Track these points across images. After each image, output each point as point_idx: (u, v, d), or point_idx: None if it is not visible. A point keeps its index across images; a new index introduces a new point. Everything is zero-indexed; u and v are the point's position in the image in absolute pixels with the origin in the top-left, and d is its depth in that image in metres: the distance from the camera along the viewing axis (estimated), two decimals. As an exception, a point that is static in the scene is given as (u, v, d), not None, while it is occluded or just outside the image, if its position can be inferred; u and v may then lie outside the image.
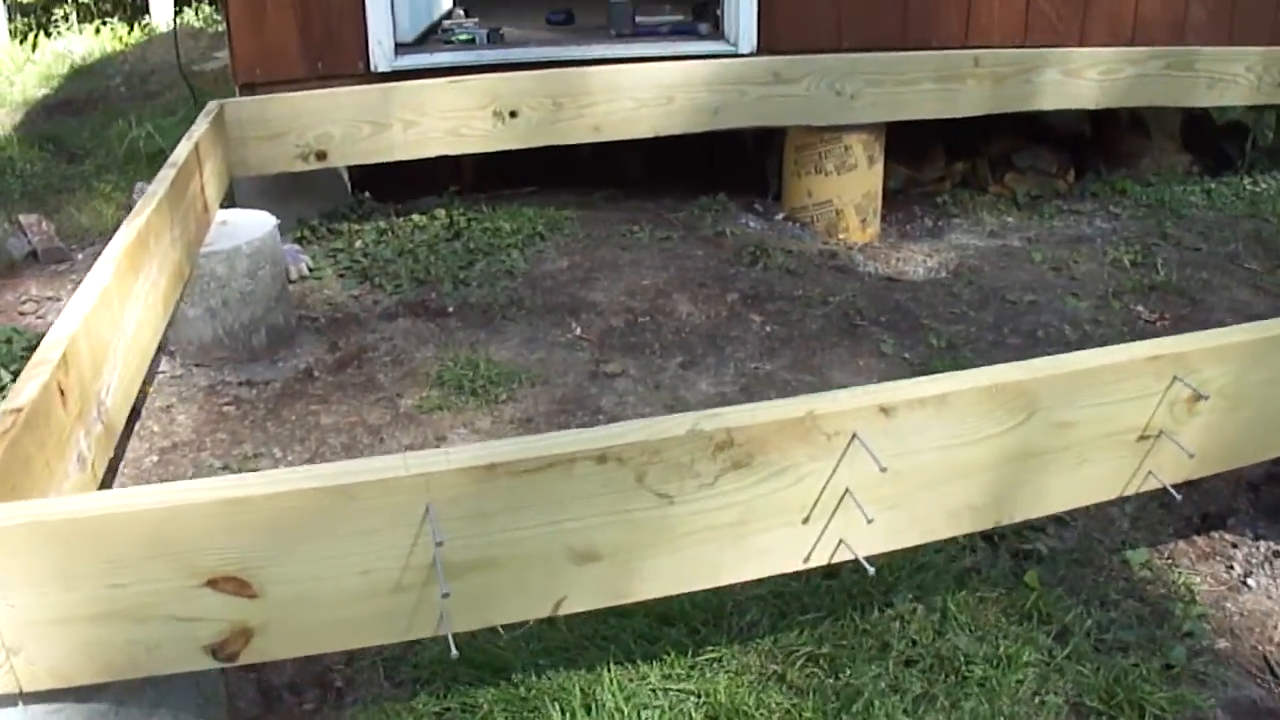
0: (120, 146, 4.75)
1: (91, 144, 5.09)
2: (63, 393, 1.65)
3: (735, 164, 4.28)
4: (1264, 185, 4.47)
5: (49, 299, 3.44)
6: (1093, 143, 4.56)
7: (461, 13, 4.52)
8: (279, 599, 1.37)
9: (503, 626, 1.76)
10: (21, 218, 3.91)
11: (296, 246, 3.60)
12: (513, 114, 3.56)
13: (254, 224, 3.07)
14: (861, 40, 3.87)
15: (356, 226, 3.77)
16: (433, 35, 4.15)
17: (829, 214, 3.97)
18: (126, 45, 7.92)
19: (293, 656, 1.69)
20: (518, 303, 3.32)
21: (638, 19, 4.20)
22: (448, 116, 3.52)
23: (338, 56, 3.61)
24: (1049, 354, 3.02)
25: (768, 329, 3.22)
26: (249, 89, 3.59)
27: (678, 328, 3.21)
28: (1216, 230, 4.00)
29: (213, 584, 1.34)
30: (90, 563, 1.29)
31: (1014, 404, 1.65)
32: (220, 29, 7.94)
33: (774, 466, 1.55)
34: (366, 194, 3.87)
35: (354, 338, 3.16)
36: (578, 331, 3.18)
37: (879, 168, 3.98)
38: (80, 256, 3.74)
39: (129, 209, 3.86)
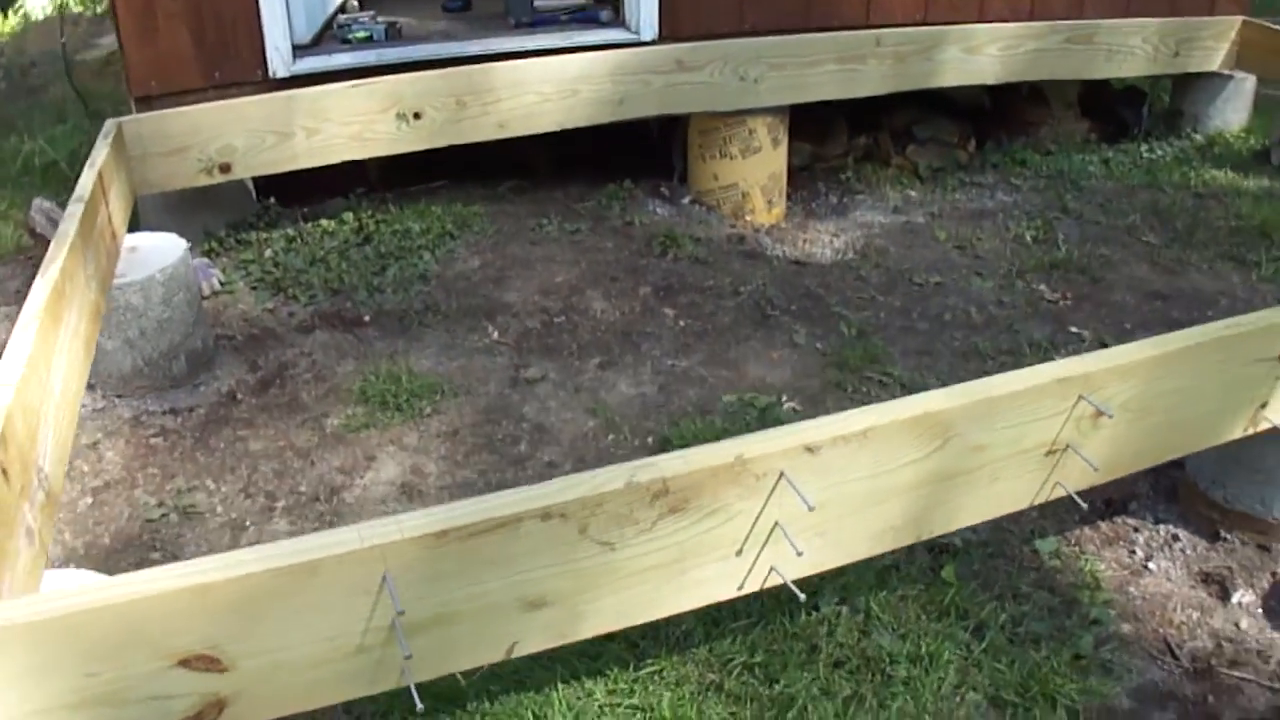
0: (14, 164, 4.64)
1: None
2: (4, 471, 1.72)
3: (640, 149, 4.39)
4: (1160, 151, 4.74)
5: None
6: (993, 113, 4.78)
7: (356, 3, 4.52)
8: (249, 670, 1.48)
9: (460, 673, 1.89)
10: (-93, 240, 3.85)
11: (206, 260, 3.61)
12: (416, 115, 3.61)
13: (164, 249, 3.09)
14: (765, 23, 4.00)
15: (265, 235, 3.80)
16: (329, 32, 4.15)
17: (735, 197, 4.12)
18: (1, 35, 7.64)
19: None
20: (433, 308, 3.41)
21: (536, 4, 4.26)
22: (351, 121, 3.56)
23: (234, 64, 3.61)
24: (955, 337, 3.28)
25: (681, 323, 3.37)
26: (144, 102, 3.56)
27: (593, 326, 3.34)
28: (1115, 201, 4.26)
29: (185, 663, 1.44)
30: (65, 656, 1.38)
31: (932, 432, 1.82)
32: (100, 10, 7.71)
33: (707, 509, 1.70)
34: (272, 200, 3.89)
35: (273, 354, 3.22)
36: (495, 336, 3.28)
37: (783, 148, 4.14)
38: None
39: (29, 229, 3.87)
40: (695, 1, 3.89)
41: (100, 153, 3.09)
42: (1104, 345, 3.23)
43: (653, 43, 3.87)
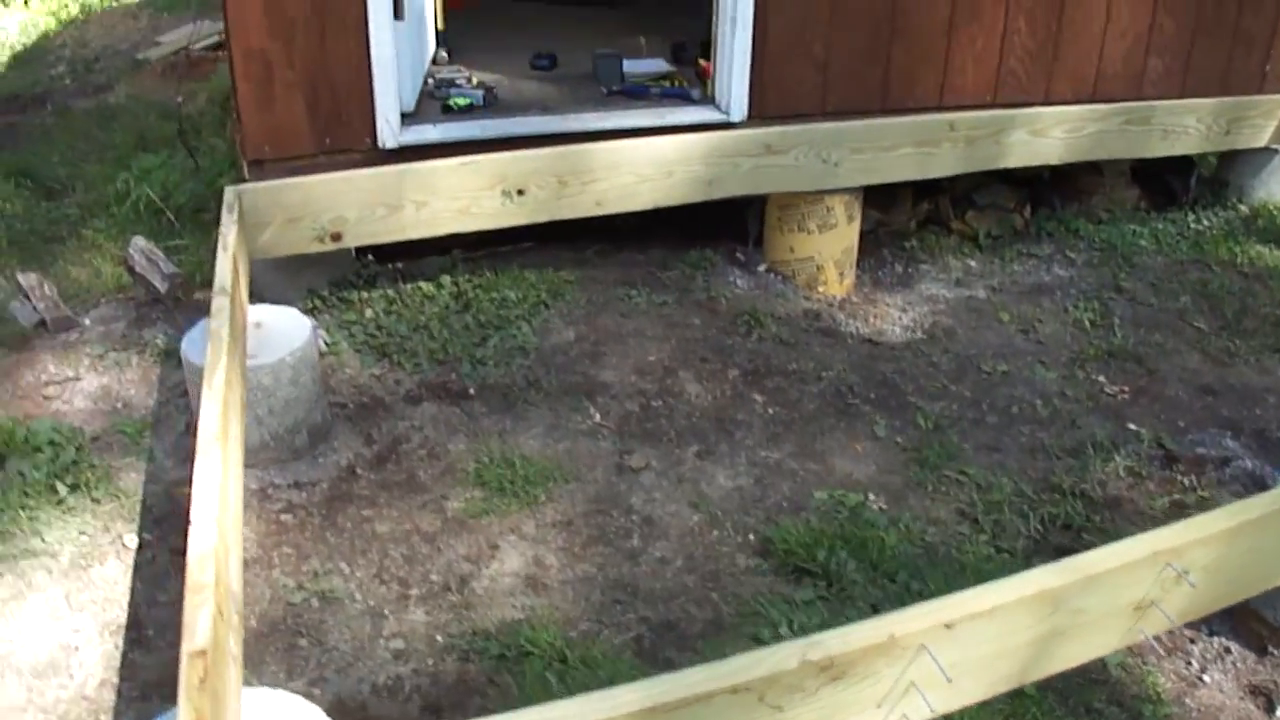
0: (107, 189, 4.86)
1: (67, 175, 5.19)
2: (219, 611, 1.98)
3: (718, 214, 4.62)
4: (1206, 222, 5.00)
5: (70, 380, 3.66)
6: (1049, 180, 5.01)
7: (445, 55, 4.72)
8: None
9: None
10: (20, 278, 4.07)
11: (311, 321, 3.86)
12: (520, 192, 3.85)
13: (291, 328, 3.34)
14: (845, 104, 4.22)
15: (365, 294, 4.04)
16: (425, 88, 4.36)
17: (810, 269, 4.36)
18: (62, 23, 7.79)
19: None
20: (535, 384, 3.66)
21: (626, 68, 4.47)
22: (458, 197, 3.80)
23: (345, 133, 3.84)
24: (1023, 433, 3.56)
25: (770, 410, 3.63)
26: (257, 165, 3.79)
27: (688, 411, 3.60)
28: (1165, 281, 4.52)
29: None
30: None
31: (1045, 604, 2.11)
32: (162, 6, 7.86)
33: (860, 675, 1.98)
34: (370, 257, 4.12)
35: (385, 426, 3.48)
36: (597, 418, 3.54)
37: (857, 223, 4.38)
38: (88, 322, 3.95)
39: (128, 267, 4.11)
40: (781, 85, 4.11)
41: (229, 232, 3.33)
42: (1161, 445, 3.53)
43: (741, 123, 4.10)
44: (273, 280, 3.84)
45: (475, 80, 4.26)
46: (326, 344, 3.81)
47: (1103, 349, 4.04)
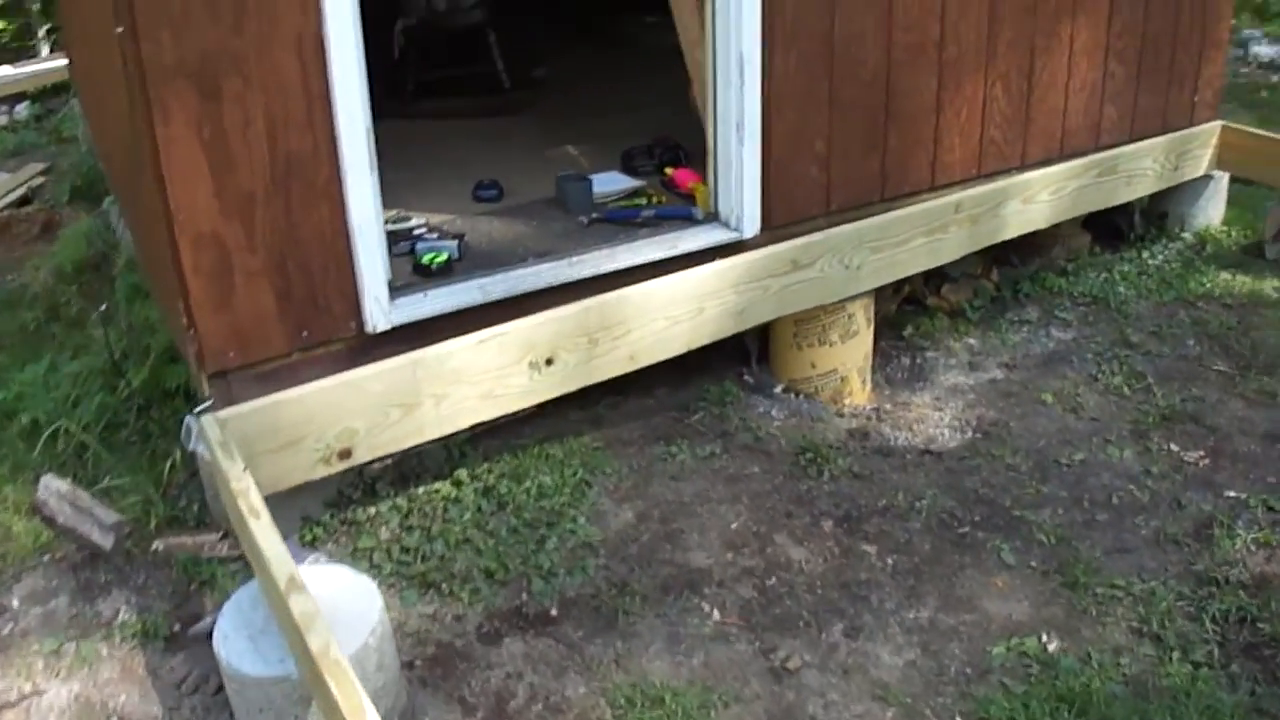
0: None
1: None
2: None
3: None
4: (1160, 256, 5.08)
5: (29, 696, 2.88)
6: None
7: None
8: None
9: None
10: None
11: (319, 555, 3.21)
12: (549, 361, 3.36)
13: (352, 595, 2.74)
14: (847, 201, 3.97)
15: (370, 510, 3.43)
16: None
17: (834, 382, 4.08)
18: None
19: None
20: (624, 587, 3.18)
21: (596, 195, 4.05)
22: (482, 380, 3.28)
23: (325, 321, 3.21)
24: (1139, 525, 3.39)
25: (889, 561, 3.30)
26: (220, 379, 3.12)
27: (807, 583, 3.22)
28: (1165, 328, 4.52)
29: None
30: None
31: None
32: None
33: None
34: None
35: (474, 682, 2.91)
36: (716, 615, 3.11)
37: (873, 326, 4.13)
38: (16, 603, 3.18)
39: (44, 518, 3.32)
40: (788, 190, 3.81)
41: (233, 473, 2.71)
42: (1270, 508, 3.46)
43: (754, 240, 3.76)
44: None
45: (449, 236, 3.71)
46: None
47: (1155, 415, 3.95)
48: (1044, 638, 3.02)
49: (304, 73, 2.97)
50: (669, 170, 4.26)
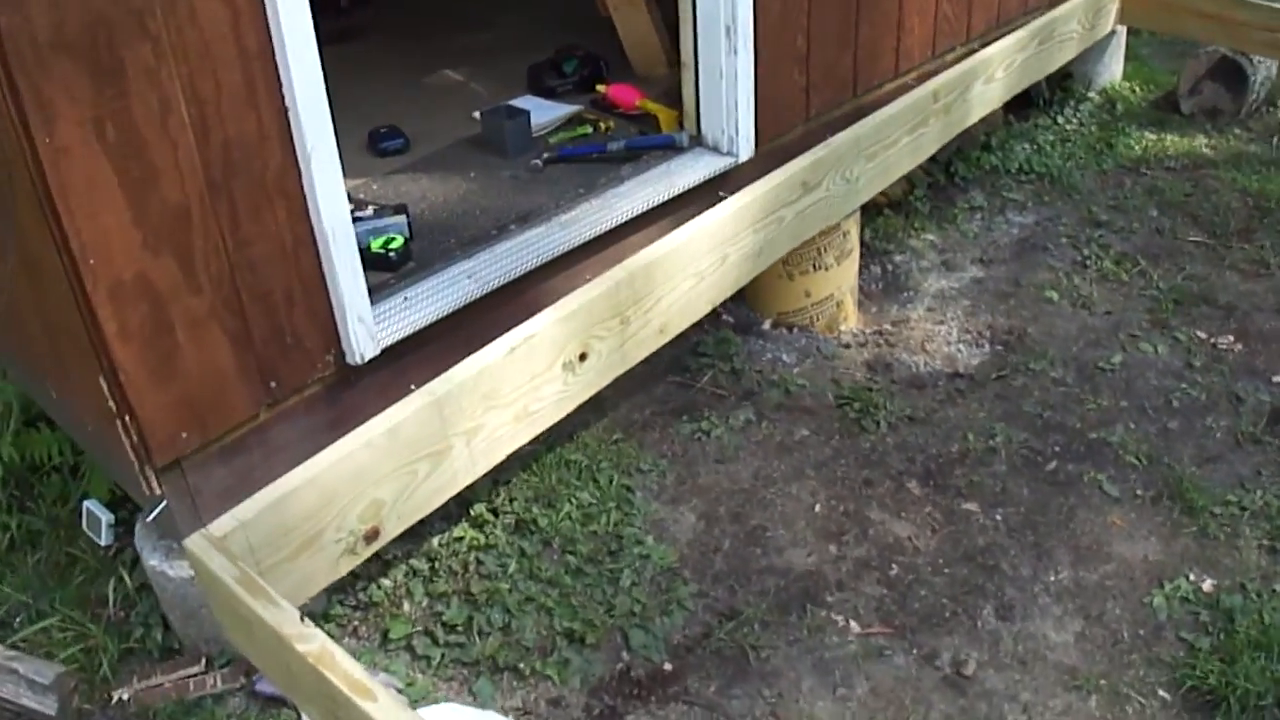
0: None
1: None
2: None
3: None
4: (1076, 119, 4.94)
5: None
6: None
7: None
8: None
9: None
10: None
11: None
12: (582, 357, 2.75)
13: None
14: (824, 104, 3.48)
15: (384, 584, 2.73)
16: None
17: (830, 309, 3.66)
18: None
19: None
20: (735, 616, 2.69)
21: (535, 131, 3.35)
22: (515, 398, 2.63)
23: (297, 360, 2.43)
24: (1213, 428, 3.25)
25: (997, 518, 2.97)
26: (173, 471, 2.29)
27: (929, 563, 2.84)
28: (1123, 200, 4.37)
29: None
30: None
31: None
32: None
33: None
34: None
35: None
36: (855, 627, 2.67)
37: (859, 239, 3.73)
38: None
39: None
40: (775, 101, 3.26)
41: (315, 640, 2.00)
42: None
43: (749, 163, 3.22)
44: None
45: (388, 211, 2.93)
46: (400, 691, 2.50)
47: (1165, 300, 3.79)
48: (1191, 576, 2.79)
49: (236, 21, 2.13)
50: (600, 88, 3.61)
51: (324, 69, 2.23)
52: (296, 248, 2.35)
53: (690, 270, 2.97)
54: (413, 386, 2.53)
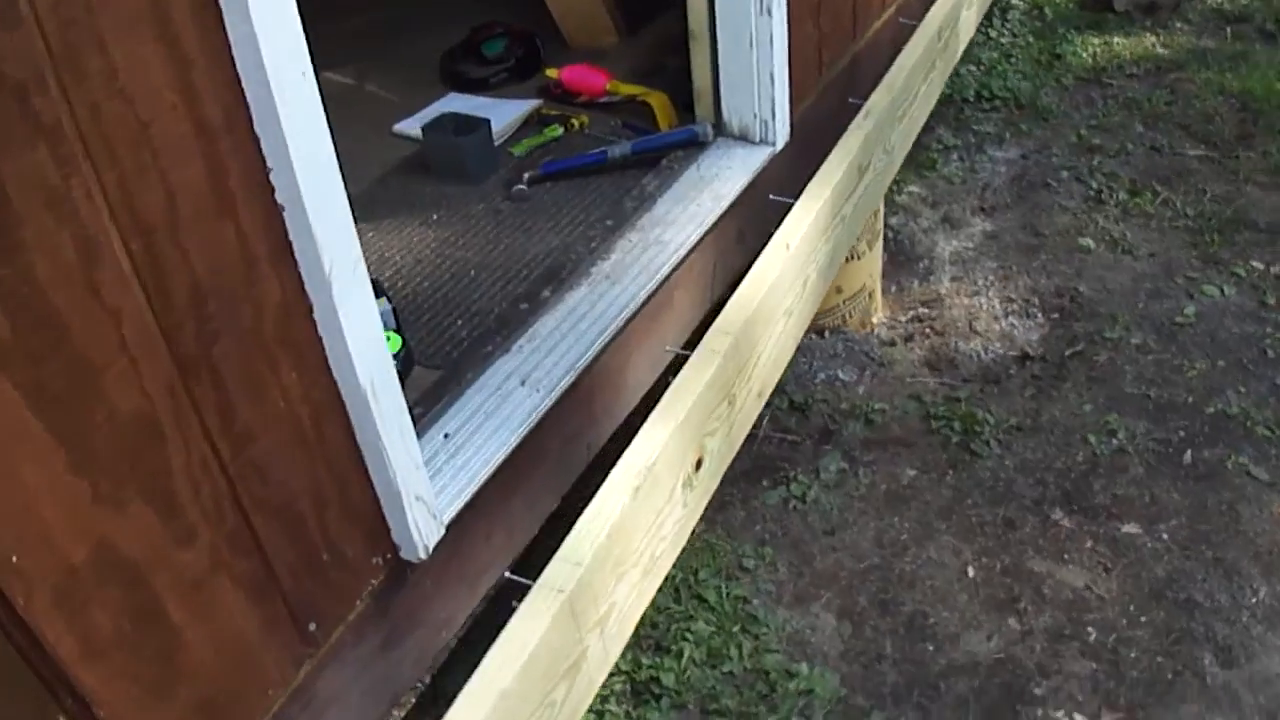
0: None
1: None
2: None
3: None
4: (1008, 30, 4.61)
5: None
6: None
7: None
8: None
9: None
10: None
11: None
12: (698, 466, 2.14)
13: None
14: (832, 57, 2.93)
15: None
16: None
17: (862, 302, 3.17)
18: None
19: None
20: (935, 697, 2.20)
21: (498, 141, 2.66)
22: (644, 549, 2.01)
23: (340, 581, 1.63)
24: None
25: (1163, 537, 2.58)
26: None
27: (1123, 616, 2.42)
28: (1102, 119, 4.03)
29: None
30: None
31: None
32: None
33: None
34: None
35: None
36: (1077, 696, 2.22)
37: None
38: None
39: None
40: (799, 70, 2.69)
41: None
42: None
43: (786, 149, 2.64)
44: None
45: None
46: None
47: (1207, 231, 3.47)
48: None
49: (184, 75, 1.28)
50: (549, 72, 2.93)
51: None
52: (319, 422, 1.56)
53: (780, 309, 2.39)
54: (501, 569, 1.86)
